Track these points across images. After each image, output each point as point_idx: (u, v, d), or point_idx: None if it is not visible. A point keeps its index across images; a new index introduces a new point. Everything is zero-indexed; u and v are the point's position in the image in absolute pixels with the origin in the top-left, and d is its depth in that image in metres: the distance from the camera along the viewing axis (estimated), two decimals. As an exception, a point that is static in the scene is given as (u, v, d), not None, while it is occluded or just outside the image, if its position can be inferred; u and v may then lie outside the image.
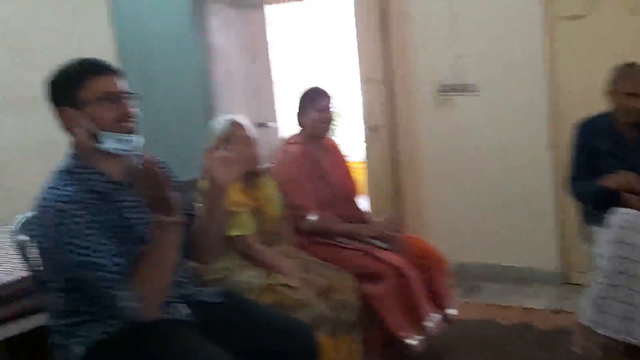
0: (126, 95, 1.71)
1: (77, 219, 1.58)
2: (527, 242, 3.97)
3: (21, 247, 1.92)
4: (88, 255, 1.57)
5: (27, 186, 3.24)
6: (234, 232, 2.39)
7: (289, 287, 2.30)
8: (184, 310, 1.81)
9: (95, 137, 1.66)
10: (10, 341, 2.07)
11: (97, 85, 1.66)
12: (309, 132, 2.91)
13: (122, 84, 1.72)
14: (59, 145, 3.36)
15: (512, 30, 3.85)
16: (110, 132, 1.66)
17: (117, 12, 3.93)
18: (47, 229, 1.60)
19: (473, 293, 3.86)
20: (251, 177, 2.53)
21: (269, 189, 2.65)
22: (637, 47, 3.39)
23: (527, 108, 3.88)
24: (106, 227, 1.64)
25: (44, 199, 1.63)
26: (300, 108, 2.92)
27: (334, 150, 3.07)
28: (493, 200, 4.05)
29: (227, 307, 1.91)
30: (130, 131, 1.69)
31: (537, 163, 3.88)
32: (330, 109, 2.91)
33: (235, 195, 2.38)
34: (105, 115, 1.66)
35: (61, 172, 1.69)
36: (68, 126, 1.70)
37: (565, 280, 3.86)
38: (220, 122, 2.55)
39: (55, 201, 1.59)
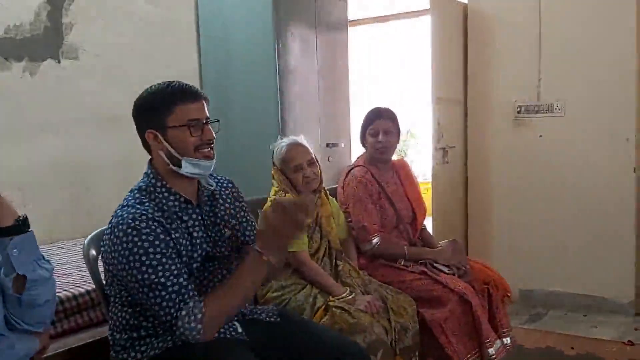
0: (209, 121, 1.78)
1: (148, 237, 1.62)
2: (601, 270, 3.89)
3: (90, 262, 2.00)
4: (155, 274, 1.61)
5: (107, 202, 3.50)
6: (288, 248, 2.39)
7: (346, 310, 2.29)
8: (238, 329, 1.82)
9: (174, 161, 1.74)
10: (71, 351, 2.10)
11: (184, 112, 1.72)
12: (369, 155, 2.91)
13: (206, 110, 1.78)
14: (138, 164, 3.60)
15: (602, 49, 3.80)
16: (190, 158, 1.74)
17: (203, 33, 4.15)
18: (118, 245, 1.63)
19: (537, 321, 3.80)
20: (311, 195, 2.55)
21: (330, 207, 2.66)
22: None
23: (613, 131, 3.81)
24: (174, 246, 1.69)
25: (119, 215, 1.68)
26: (360, 130, 2.93)
27: (403, 171, 3.02)
28: (568, 227, 4.00)
29: (282, 326, 1.93)
30: (208, 157, 1.77)
31: (620, 189, 3.81)
32: (389, 133, 2.83)
33: None
34: (188, 142, 1.73)
35: (137, 190, 1.77)
36: (150, 147, 1.78)
37: (639, 311, 3.76)
38: (279, 144, 2.59)
39: (129, 219, 1.64)
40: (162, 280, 1.61)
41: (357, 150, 4.37)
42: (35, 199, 3.24)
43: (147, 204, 1.72)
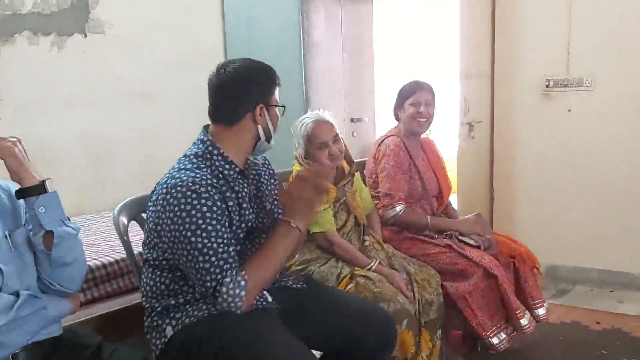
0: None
1: (207, 202, 1.64)
2: (628, 246, 3.83)
3: (120, 230, 2.02)
4: (208, 238, 1.62)
5: (132, 175, 3.55)
6: (315, 229, 2.41)
7: (371, 279, 2.31)
8: (268, 298, 1.82)
9: (267, 136, 1.84)
10: (101, 317, 2.16)
11: (276, 94, 1.87)
12: (405, 127, 2.89)
13: None
14: (162, 138, 3.60)
15: (633, 20, 3.70)
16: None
17: (228, 7, 4.14)
18: (175, 206, 1.64)
19: (563, 296, 3.78)
20: (336, 172, 2.53)
21: (355, 183, 2.65)
22: None
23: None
24: (228, 214, 1.73)
25: (176, 177, 1.68)
26: (397, 101, 2.92)
27: (430, 149, 3.01)
28: (595, 202, 3.94)
29: (308, 291, 1.97)
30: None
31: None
32: (429, 105, 2.84)
33: None
34: (276, 121, 1.87)
35: (193, 155, 1.79)
36: (253, 118, 1.81)
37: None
38: (302, 120, 2.52)
39: (189, 182, 1.65)
40: (215, 245, 1.63)
41: (381, 125, 4.36)
42: (63, 172, 3.28)
43: (204, 169, 1.74)
